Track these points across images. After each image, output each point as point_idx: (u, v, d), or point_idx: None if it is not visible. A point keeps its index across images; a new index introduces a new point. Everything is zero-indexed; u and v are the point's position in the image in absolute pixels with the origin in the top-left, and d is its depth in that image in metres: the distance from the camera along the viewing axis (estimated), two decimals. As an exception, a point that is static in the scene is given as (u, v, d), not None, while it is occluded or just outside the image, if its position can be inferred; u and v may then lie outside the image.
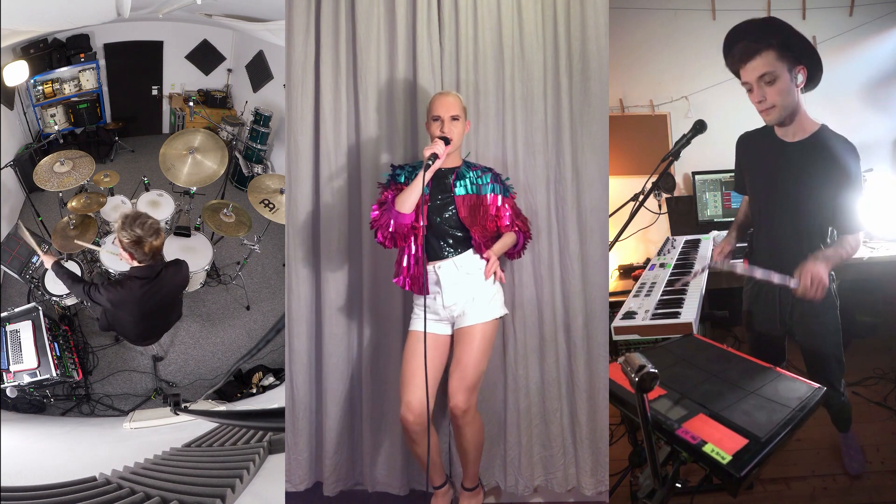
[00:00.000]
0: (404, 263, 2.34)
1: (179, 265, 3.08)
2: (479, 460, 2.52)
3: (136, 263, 2.84)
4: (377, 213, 2.33)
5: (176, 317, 3.44)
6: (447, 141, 2.27)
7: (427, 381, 2.23)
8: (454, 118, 2.32)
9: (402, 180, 2.37)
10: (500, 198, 2.44)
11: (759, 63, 2.21)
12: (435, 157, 2.21)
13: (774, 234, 2.43)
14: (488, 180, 2.45)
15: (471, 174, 2.43)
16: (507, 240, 2.46)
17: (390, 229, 2.26)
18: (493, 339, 2.44)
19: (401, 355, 2.69)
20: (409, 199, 2.24)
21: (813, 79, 2.26)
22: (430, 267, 2.34)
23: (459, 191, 2.38)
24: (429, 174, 2.22)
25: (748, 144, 2.56)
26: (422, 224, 2.29)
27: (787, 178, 2.34)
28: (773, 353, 2.52)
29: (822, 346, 2.42)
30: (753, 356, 2.31)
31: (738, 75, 2.33)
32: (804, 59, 2.22)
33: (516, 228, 2.48)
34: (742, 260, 2.64)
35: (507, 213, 2.45)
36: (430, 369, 2.28)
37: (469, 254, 2.37)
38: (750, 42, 2.22)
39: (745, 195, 2.70)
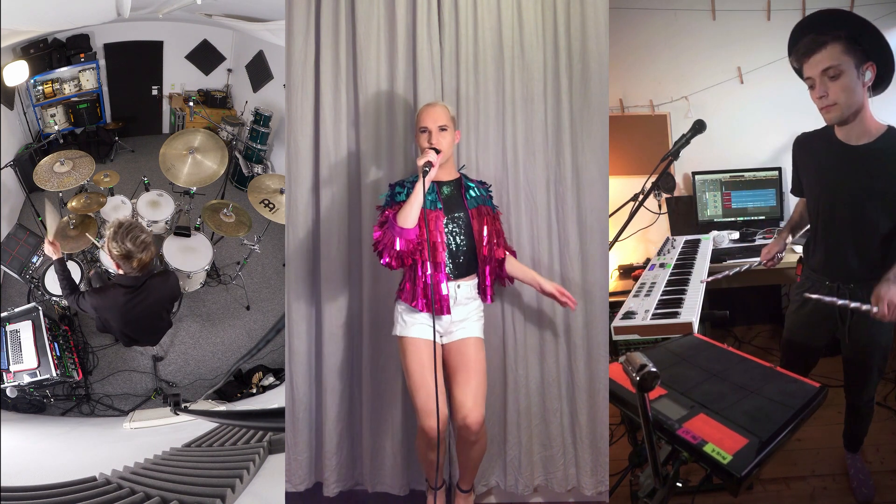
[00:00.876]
0: (420, 285, 2.28)
1: (167, 276, 3.02)
2: (479, 467, 2.53)
3: (122, 272, 2.82)
4: (379, 233, 2.25)
5: (165, 325, 3.40)
6: (437, 151, 2.25)
7: (430, 385, 2.22)
8: (442, 128, 2.28)
9: (404, 198, 2.28)
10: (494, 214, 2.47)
11: (824, 56, 2.07)
12: (430, 165, 2.18)
13: (831, 244, 2.32)
14: (486, 194, 2.47)
15: (473, 185, 2.44)
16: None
17: (397, 248, 2.19)
18: (485, 357, 2.43)
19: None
20: (410, 213, 2.19)
21: (883, 78, 2.12)
22: (450, 284, 2.32)
23: (472, 203, 2.38)
24: (426, 183, 2.20)
25: (806, 146, 2.42)
26: (440, 241, 2.27)
27: (851, 185, 2.20)
28: (805, 362, 2.48)
29: (870, 360, 2.35)
30: (784, 365, 2.28)
31: (800, 73, 2.20)
32: (874, 55, 2.08)
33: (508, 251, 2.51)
34: (796, 267, 2.57)
35: (498, 228, 2.47)
36: (439, 375, 2.29)
37: (476, 281, 2.39)
38: (816, 35, 2.09)
39: (802, 197, 2.57)
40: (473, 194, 2.40)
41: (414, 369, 2.28)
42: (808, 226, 2.54)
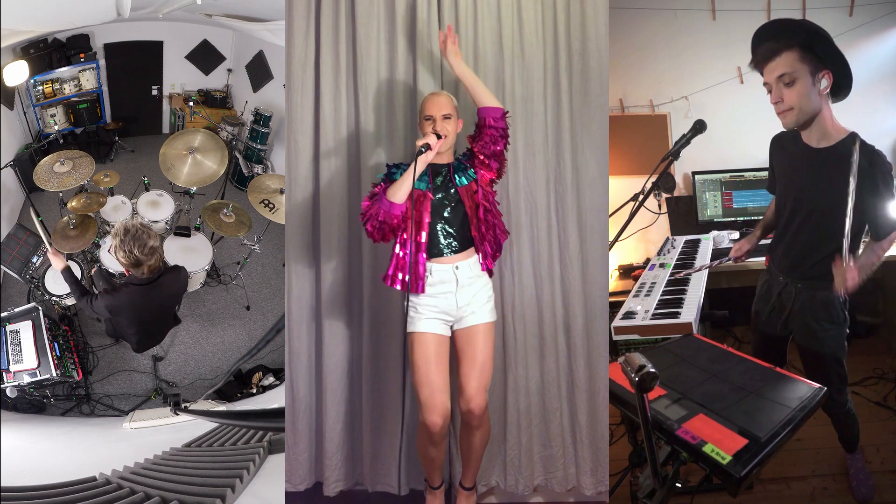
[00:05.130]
0: (401, 261, 2.31)
1: (178, 271, 3.05)
2: (481, 460, 2.53)
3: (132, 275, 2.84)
4: (367, 203, 2.31)
5: (174, 322, 3.41)
6: (439, 136, 2.28)
7: (434, 380, 2.27)
8: (446, 117, 2.32)
9: (398, 178, 2.33)
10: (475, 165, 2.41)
11: (779, 63, 2.15)
12: (427, 147, 2.22)
13: (793, 240, 2.40)
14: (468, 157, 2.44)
15: (464, 165, 2.42)
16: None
17: (379, 218, 2.24)
18: (493, 341, 2.43)
19: (401, 355, 2.71)
20: (400, 189, 2.24)
21: (840, 86, 2.19)
22: (447, 266, 2.32)
23: (462, 181, 2.37)
24: (421, 164, 2.22)
25: (779, 145, 2.50)
26: (426, 220, 2.29)
27: (810, 184, 2.29)
28: (773, 355, 2.50)
29: (821, 350, 2.37)
30: (755, 356, 2.30)
31: (762, 74, 2.28)
32: (829, 63, 2.14)
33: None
34: (764, 257, 2.62)
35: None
36: (447, 379, 2.31)
37: (476, 257, 2.38)
38: (772, 43, 2.17)
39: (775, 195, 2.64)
40: (459, 174, 2.39)
41: (419, 364, 2.30)
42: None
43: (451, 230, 2.33)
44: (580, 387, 2.70)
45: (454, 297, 2.33)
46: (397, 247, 2.32)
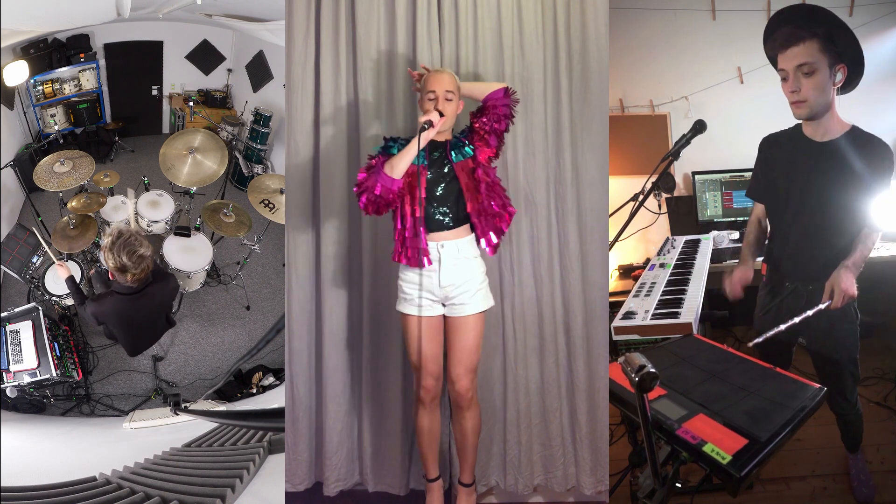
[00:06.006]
0: (400, 239, 2.33)
1: (167, 280, 3.01)
2: (476, 451, 2.53)
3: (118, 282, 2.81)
4: (364, 175, 2.30)
5: (166, 325, 3.40)
6: (441, 114, 2.27)
7: (425, 351, 2.35)
8: (449, 96, 2.31)
9: (395, 152, 2.31)
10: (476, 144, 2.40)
11: (800, 51, 2.11)
12: (430, 123, 2.22)
13: (798, 238, 2.36)
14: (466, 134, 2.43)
15: (462, 142, 2.40)
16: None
17: (376, 192, 2.23)
18: (484, 326, 2.44)
19: (402, 355, 2.71)
20: (400, 164, 2.23)
21: (851, 81, 2.17)
22: (432, 244, 2.31)
23: (457, 157, 2.35)
24: (423, 141, 2.22)
25: (776, 144, 2.47)
26: (420, 196, 2.28)
27: (818, 178, 2.26)
28: (780, 357, 2.48)
29: (836, 355, 2.36)
30: (760, 358, 2.29)
31: (774, 62, 2.24)
32: (847, 57, 2.12)
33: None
34: (761, 266, 2.59)
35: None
36: (439, 349, 2.38)
37: (470, 238, 2.36)
38: (795, 28, 2.13)
39: (759, 202, 2.60)
40: (455, 151, 2.37)
41: (411, 341, 2.39)
42: (767, 239, 2.58)
43: (444, 207, 2.32)
44: (580, 387, 2.70)
45: (437, 275, 2.32)
46: (398, 222, 2.33)
